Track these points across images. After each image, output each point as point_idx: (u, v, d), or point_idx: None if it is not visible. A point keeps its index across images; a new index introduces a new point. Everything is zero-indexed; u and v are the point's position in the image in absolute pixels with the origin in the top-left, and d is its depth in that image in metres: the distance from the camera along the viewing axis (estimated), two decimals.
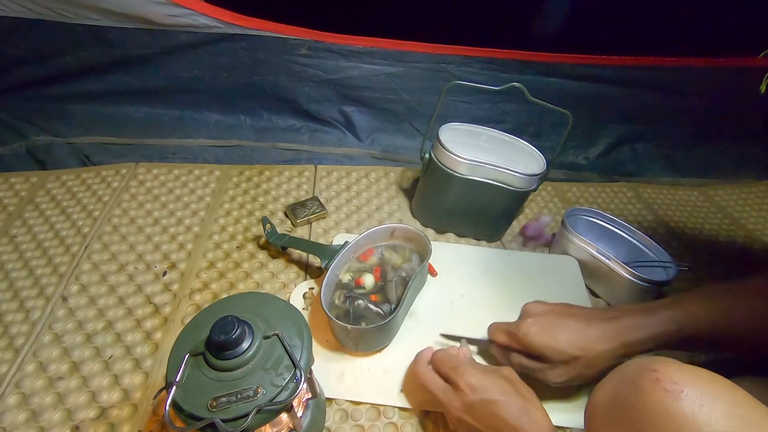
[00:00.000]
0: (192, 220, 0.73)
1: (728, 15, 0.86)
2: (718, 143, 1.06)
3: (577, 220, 0.73)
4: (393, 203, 0.81)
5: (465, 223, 0.74)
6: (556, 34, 0.86)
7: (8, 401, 0.49)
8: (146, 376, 0.52)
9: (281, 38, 0.83)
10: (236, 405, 0.33)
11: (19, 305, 0.58)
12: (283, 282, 0.64)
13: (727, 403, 0.26)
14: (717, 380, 0.28)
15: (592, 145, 1.02)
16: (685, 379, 0.27)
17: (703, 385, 0.27)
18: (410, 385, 0.53)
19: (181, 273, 0.64)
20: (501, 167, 0.63)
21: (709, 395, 0.26)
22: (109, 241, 0.68)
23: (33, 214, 0.71)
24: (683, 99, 0.99)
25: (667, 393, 0.27)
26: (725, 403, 0.26)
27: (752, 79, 0.53)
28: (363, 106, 0.95)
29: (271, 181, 0.82)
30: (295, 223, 0.73)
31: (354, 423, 0.50)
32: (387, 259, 0.62)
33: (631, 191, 0.93)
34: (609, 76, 0.94)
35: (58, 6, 0.74)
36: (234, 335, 0.34)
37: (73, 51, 0.81)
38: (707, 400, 0.26)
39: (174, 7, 0.75)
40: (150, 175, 0.81)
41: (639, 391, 0.29)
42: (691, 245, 0.81)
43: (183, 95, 0.90)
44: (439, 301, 0.63)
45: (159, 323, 0.58)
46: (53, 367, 0.52)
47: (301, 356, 0.37)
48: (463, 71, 0.90)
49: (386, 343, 0.56)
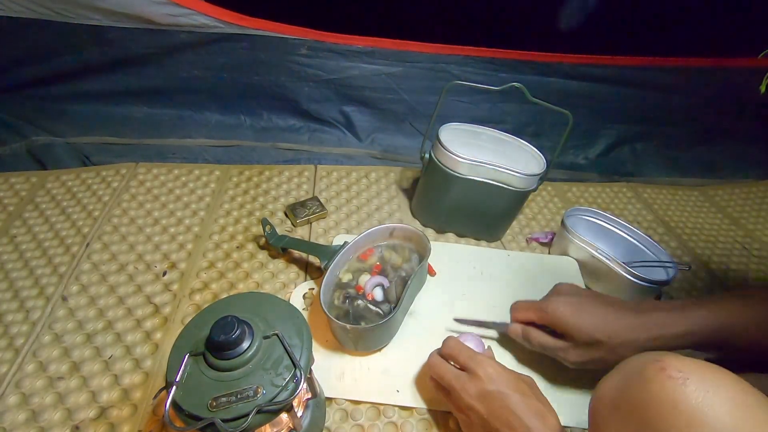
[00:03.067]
0: (192, 220, 0.73)
1: (728, 15, 0.86)
2: (718, 143, 1.06)
3: (577, 220, 0.73)
4: (393, 203, 0.81)
5: (465, 223, 0.74)
6: (558, 35, 0.86)
7: (8, 401, 0.49)
8: (146, 376, 0.52)
9: (281, 38, 0.83)
10: (236, 405, 0.33)
11: (19, 305, 0.58)
12: (283, 282, 0.64)
13: (732, 391, 0.26)
14: (721, 370, 0.28)
15: (592, 145, 1.02)
16: (690, 368, 0.28)
17: (707, 373, 0.27)
18: (421, 382, 0.53)
19: (181, 273, 0.64)
20: (501, 167, 0.63)
21: (713, 383, 0.27)
22: (109, 241, 0.68)
23: (33, 214, 0.71)
24: (683, 99, 0.99)
25: (672, 380, 0.27)
26: (730, 391, 0.26)
27: (752, 79, 0.53)
28: (363, 106, 0.95)
29: (271, 181, 0.82)
30: (295, 223, 0.73)
31: (354, 422, 0.50)
32: (387, 258, 0.62)
33: (631, 191, 0.93)
34: (609, 76, 0.94)
35: (58, 6, 0.74)
36: (234, 335, 0.34)
37: (73, 51, 0.81)
38: (712, 387, 0.26)
39: (174, 7, 0.75)
40: (150, 175, 0.81)
41: (644, 380, 0.29)
42: (691, 245, 0.81)
43: (183, 95, 0.90)
44: (439, 300, 0.63)
45: (159, 323, 0.58)
46: (53, 367, 0.52)
47: (301, 356, 0.37)
48: (463, 71, 0.90)
49: (386, 343, 0.56)
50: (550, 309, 0.49)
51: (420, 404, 0.51)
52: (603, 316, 0.46)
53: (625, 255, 0.68)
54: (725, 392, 0.26)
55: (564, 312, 0.48)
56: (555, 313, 0.48)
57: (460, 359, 0.46)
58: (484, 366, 0.44)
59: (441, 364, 0.47)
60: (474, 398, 0.42)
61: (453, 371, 0.46)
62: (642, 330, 0.45)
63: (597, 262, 0.65)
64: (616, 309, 0.47)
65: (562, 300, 0.49)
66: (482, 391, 0.42)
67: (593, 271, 0.66)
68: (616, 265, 0.63)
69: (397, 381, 0.53)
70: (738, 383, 0.27)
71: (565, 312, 0.48)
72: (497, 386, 0.42)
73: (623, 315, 0.46)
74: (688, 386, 0.26)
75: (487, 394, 0.42)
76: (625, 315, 0.46)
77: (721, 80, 0.97)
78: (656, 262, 0.66)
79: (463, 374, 0.44)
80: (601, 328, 0.46)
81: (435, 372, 0.47)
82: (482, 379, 0.43)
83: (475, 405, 0.42)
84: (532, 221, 0.81)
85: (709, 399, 0.26)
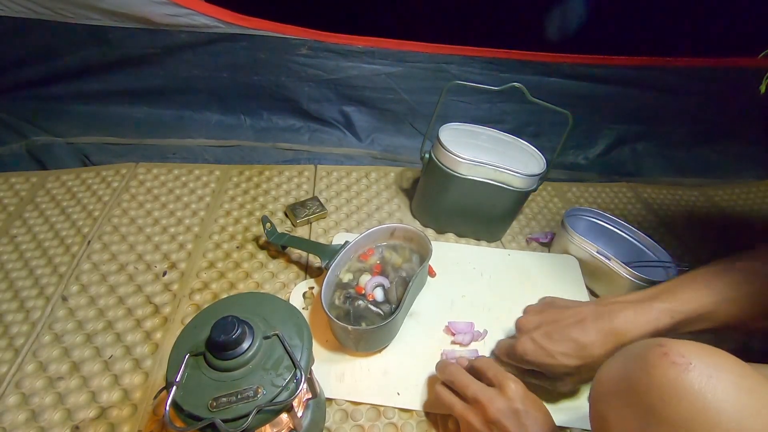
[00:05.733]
0: (192, 220, 0.73)
1: (728, 15, 0.86)
2: (718, 143, 1.06)
3: (577, 220, 0.73)
4: (393, 203, 0.81)
5: (465, 223, 0.74)
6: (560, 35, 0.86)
7: (8, 401, 0.49)
8: (146, 376, 0.52)
9: (281, 38, 0.83)
10: (236, 405, 0.33)
11: (19, 305, 0.58)
12: (283, 282, 0.64)
13: (735, 375, 0.26)
14: (724, 354, 0.28)
15: (592, 145, 1.02)
16: (692, 353, 0.27)
17: (710, 358, 0.27)
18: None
19: (181, 273, 0.64)
20: (501, 167, 0.63)
21: (716, 367, 0.26)
22: (109, 241, 0.68)
23: (33, 214, 0.71)
24: (683, 99, 0.99)
25: (675, 365, 0.27)
26: (733, 375, 0.26)
27: (752, 79, 0.52)
28: (363, 106, 0.95)
29: (271, 181, 0.82)
30: (295, 223, 0.73)
31: (354, 423, 0.50)
32: (387, 259, 0.62)
33: (631, 191, 0.93)
34: (609, 76, 0.94)
35: (58, 6, 0.74)
36: (234, 335, 0.34)
37: (73, 51, 0.81)
38: (715, 371, 0.26)
39: (174, 7, 0.75)
40: (150, 175, 0.81)
41: (646, 366, 0.28)
42: (691, 245, 0.81)
43: (183, 95, 0.90)
44: (439, 301, 0.63)
45: (159, 323, 0.58)
46: (53, 367, 0.52)
47: (302, 356, 0.37)
48: (463, 71, 0.90)
49: (386, 344, 0.56)
50: (518, 355, 0.48)
51: (420, 407, 0.51)
52: (569, 340, 0.45)
53: (625, 255, 0.68)
54: (728, 376, 0.26)
55: (532, 353, 0.47)
56: (525, 358, 0.47)
57: (489, 374, 0.45)
58: (513, 383, 0.43)
59: (463, 374, 0.46)
60: (502, 414, 0.41)
61: (478, 383, 0.44)
62: (610, 338, 0.44)
63: (597, 263, 0.65)
64: (579, 323, 0.46)
65: (525, 340, 0.48)
66: (512, 408, 0.41)
67: (593, 271, 0.66)
68: (617, 265, 0.62)
69: (398, 382, 0.53)
70: (740, 367, 0.27)
71: (533, 352, 0.47)
72: (524, 406, 0.41)
73: (587, 329, 0.45)
74: (690, 371, 0.26)
75: (517, 413, 0.41)
76: (588, 328, 0.45)
77: (721, 80, 0.97)
78: (656, 262, 0.66)
79: (490, 388, 0.43)
80: (572, 354, 0.45)
81: (455, 379, 0.46)
82: (512, 396, 0.42)
83: (502, 420, 0.41)
84: (532, 221, 0.81)
85: (711, 383, 0.26)
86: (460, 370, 0.47)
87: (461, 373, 0.46)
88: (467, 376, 0.46)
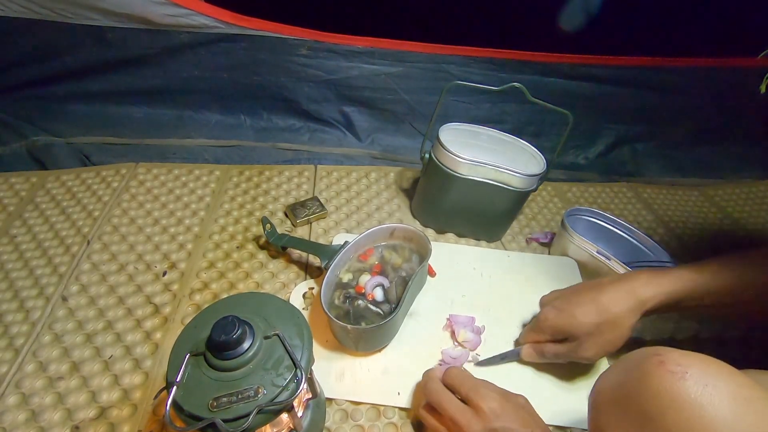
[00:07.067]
0: (192, 220, 0.73)
1: (728, 15, 0.86)
2: (718, 143, 1.06)
3: (577, 220, 0.73)
4: (393, 203, 0.81)
5: (465, 223, 0.74)
6: (558, 35, 0.86)
7: (8, 401, 0.49)
8: (146, 376, 0.52)
9: (281, 38, 0.83)
10: (237, 405, 0.33)
11: (19, 305, 0.58)
12: (283, 282, 0.64)
13: (731, 384, 0.26)
14: (720, 364, 0.28)
15: (592, 145, 1.02)
16: (689, 362, 0.28)
17: (706, 367, 0.27)
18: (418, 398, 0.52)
19: (181, 273, 0.64)
20: (501, 167, 0.63)
21: (712, 376, 0.27)
22: (109, 241, 0.68)
23: (33, 214, 0.71)
24: (683, 99, 0.99)
25: (672, 374, 0.27)
26: (729, 384, 0.26)
27: (752, 79, 0.53)
28: (363, 106, 0.95)
29: (271, 181, 0.82)
30: (295, 223, 0.73)
31: (354, 423, 0.50)
32: (387, 259, 0.62)
33: (631, 191, 0.93)
34: (609, 76, 0.94)
35: (58, 6, 0.74)
36: (235, 335, 0.34)
37: (73, 51, 0.81)
38: (711, 380, 0.26)
39: (174, 7, 0.75)
40: (150, 175, 0.81)
41: (643, 374, 0.29)
42: (691, 245, 0.81)
43: (183, 95, 0.90)
44: (439, 301, 0.63)
45: (159, 323, 0.58)
46: (53, 367, 0.52)
47: (302, 356, 0.37)
48: (463, 71, 0.90)
49: (386, 343, 0.56)
50: (541, 321, 0.51)
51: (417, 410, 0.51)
52: (587, 301, 0.48)
53: (625, 255, 0.68)
54: (724, 386, 0.26)
55: (554, 317, 0.50)
56: (547, 323, 0.50)
57: (462, 391, 0.44)
58: (487, 401, 0.42)
59: (442, 393, 0.45)
60: None
61: (456, 404, 0.43)
62: (628, 296, 0.47)
63: (597, 263, 0.65)
64: (597, 288, 0.49)
65: (547, 309, 0.51)
66: (489, 429, 0.41)
67: (593, 271, 0.66)
68: (617, 266, 0.62)
69: (397, 382, 0.53)
70: (737, 377, 0.27)
71: (555, 317, 0.50)
72: (503, 422, 0.40)
73: (604, 290, 0.48)
74: (687, 380, 0.27)
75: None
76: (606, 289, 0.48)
77: (721, 80, 0.97)
78: (656, 263, 0.66)
79: (468, 409, 0.42)
80: (590, 312, 0.47)
81: (434, 400, 0.45)
82: (488, 416, 0.41)
83: None
84: (532, 221, 0.81)
85: (708, 393, 0.26)
86: (439, 389, 0.45)
87: (440, 393, 0.45)
88: (445, 396, 0.44)
